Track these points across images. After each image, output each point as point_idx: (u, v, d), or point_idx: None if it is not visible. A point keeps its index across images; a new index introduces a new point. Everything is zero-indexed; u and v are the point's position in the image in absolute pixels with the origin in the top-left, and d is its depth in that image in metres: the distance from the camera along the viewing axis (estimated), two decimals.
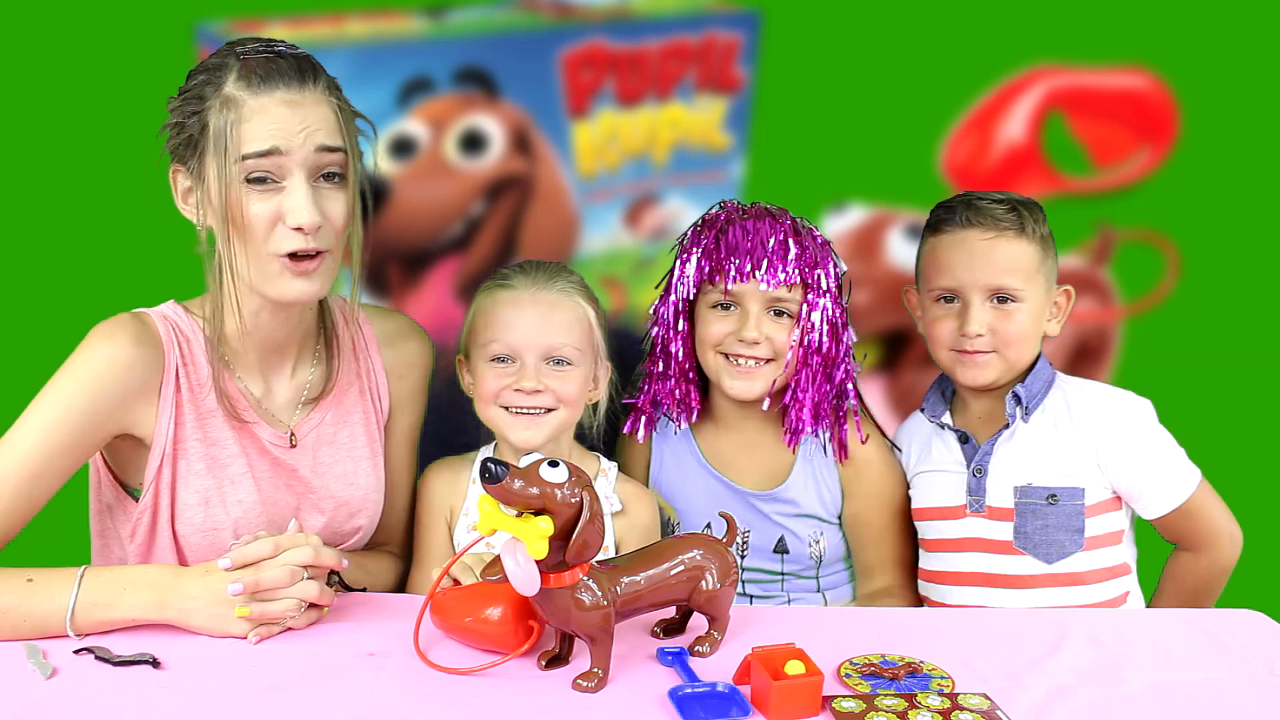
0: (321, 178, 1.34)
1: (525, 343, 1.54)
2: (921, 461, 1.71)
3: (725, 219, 1.63)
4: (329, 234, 1.35)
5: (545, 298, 1.55)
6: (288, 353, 1.49)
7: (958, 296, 1.62)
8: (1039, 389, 1.64)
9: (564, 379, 1.54)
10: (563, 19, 1.86)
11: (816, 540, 1.71)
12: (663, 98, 1.89)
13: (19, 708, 1.13)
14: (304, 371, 1.51)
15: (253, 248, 1.34)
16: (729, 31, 1.88)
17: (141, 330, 1.39)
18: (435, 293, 1.91)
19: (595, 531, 1.15)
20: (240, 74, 1.32)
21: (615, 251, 1.93)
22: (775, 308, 1.60)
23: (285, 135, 1.31)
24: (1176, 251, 1.96)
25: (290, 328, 1.46)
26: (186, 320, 1.44)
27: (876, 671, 1.25)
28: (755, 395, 1.63)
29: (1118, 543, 1.64)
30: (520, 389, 1.53)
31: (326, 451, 1.51)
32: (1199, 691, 1.25)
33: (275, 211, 1.32)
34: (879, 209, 1.93)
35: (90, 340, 1.38)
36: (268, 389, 1.48)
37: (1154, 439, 1.63)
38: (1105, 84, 1.93)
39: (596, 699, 1.18)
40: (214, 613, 1.27)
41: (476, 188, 1.89)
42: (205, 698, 1.16)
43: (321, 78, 1.35)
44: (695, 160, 1.92)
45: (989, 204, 1.62)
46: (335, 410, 1.52)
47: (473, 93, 1.85)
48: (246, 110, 1.30)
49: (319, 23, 1.82)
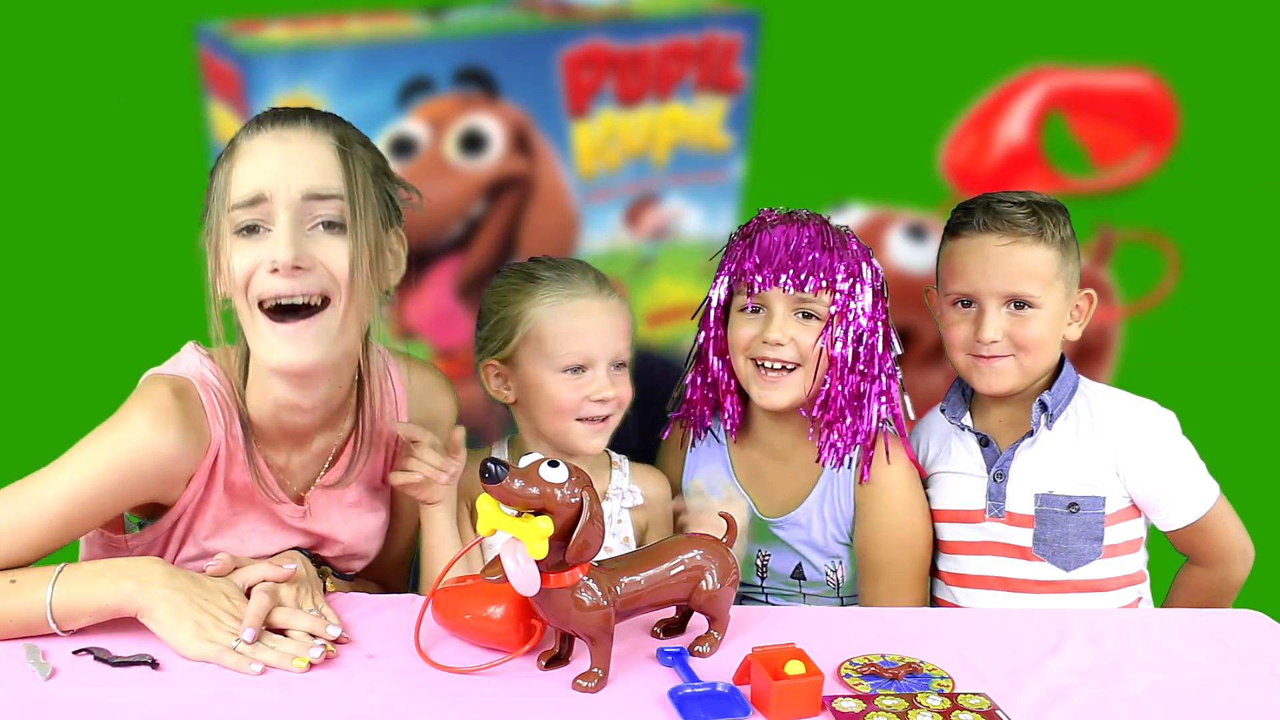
0: (320, 225, 1.24)
1: (605, 351, 1.53)
2: (940, 461, 1.70)
3: (757, 225, 1.62)
4: (321, 279, 1.24)
5: (610, 306, 1.56)
6: (311, 429, 1.39)
7: (974, 301, 1.60)
8: (1064, 395, 1.62)
9: (626, 384, 1.56)
10: (563, 19, 1.86)
11: (834, 570, 1.68)
12: (663, 98, 1.89)
13: (19, 708, 1.13)
14: (328, 438, 1.41)
15: (239, 305, 1.25)
16: (729, 31, 1.88)
17: (189, 417, 1.29)
18: (435, 293, 1.91)
19: (595, 531, 1.15)
20: (246, 125, 1.27)
21: (615, 251, 1.93)
22: (802, 310, 1.58)
23: (270, 178, 1.22)
24: (1176, 251, 1.96)
25: (311, 418, 1.35)
26: (221, 382, 1.33)
27: (876, 671, 1.25)
28: (783, 404, 1.60)
29: (1135, 550, 1.63)
30: (604, 398, 1.53)
31: (337, 512, 1.46)
32: (1199, 691, 1.25)
33: (256, 258, 1.22)
34: (879, 209, 1.93)
35: (134, 417, 1.27)
36: (289, 458, 1.41)
37: (1174, 453, 1.61)
38: (1105, 84, 1.93)
39: (596, 699, 1.18)
40: (177, 621, 1.21)
41: (476, 188, 1.89)
42: (205, 697, 1.16)
43: (331, 124, 1.27)
44: (695, 160, 1.92)
45: (1008, 207, 1.58)
46: (356, 483, 1.46)
47: (473, 93, 1.85)
48: (239, 153, 1.25)
49: (319, 23, 1.82)
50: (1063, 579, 1.60)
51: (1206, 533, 1.62)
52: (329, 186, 1.24)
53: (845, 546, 1.68)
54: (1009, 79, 1.91)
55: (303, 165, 1.23)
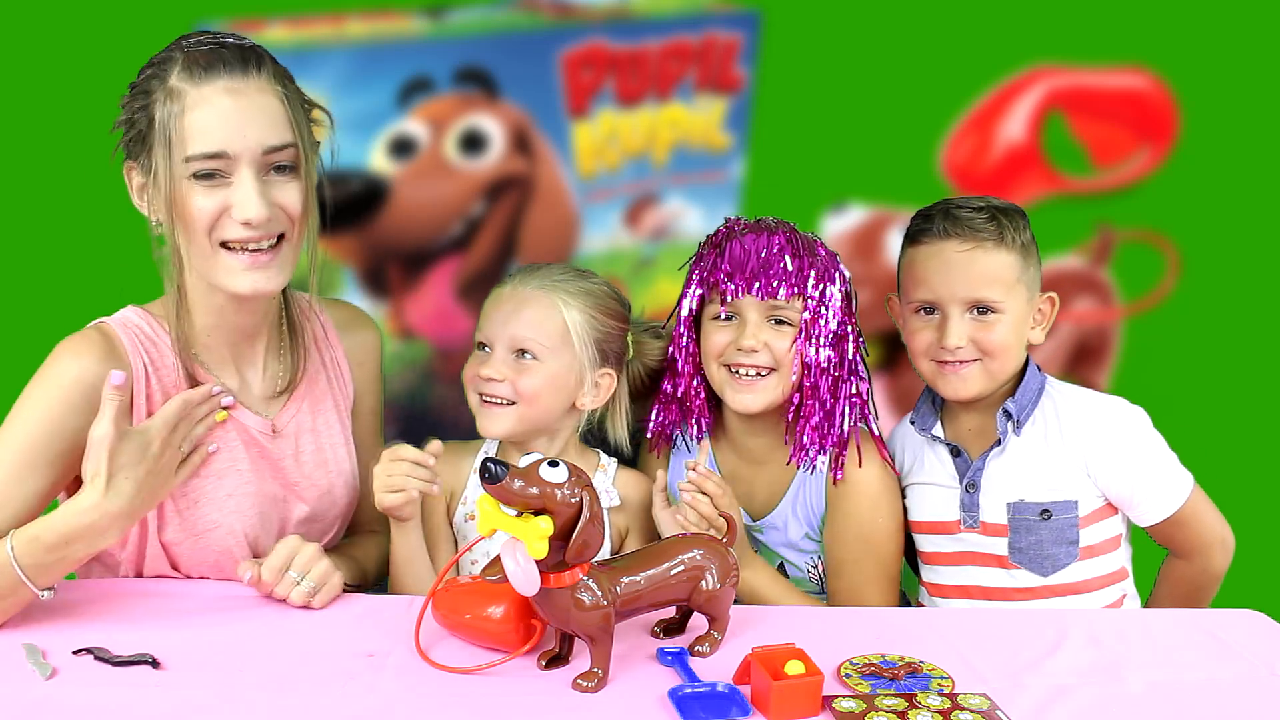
0: (273, 170, 1.34)
1: (496, 332, 1.58)
2: (915, 472, 1.69)
3: (726, 234, 1.63)
4: (281, 221, 1.35)
5: (522, 293, 1.58)
6: (259, 341, 1.49)
7: (936, 309, 1.60)
8: (1029, 400, 1.62)
9: (524, 372, 1.56)
10: (563, 19, 1.86)
11: (814, 566, 1.69)
12: (663, 98, 1.89)
13: (19, 708, 1.13)
14: (273, 364, 1.51)
15: (198, 242, 1.34)
16: (729, 31, 1.88)
17: (106, 345, 1.38)
18: (435, 293, 1.91)
19: (595, 531, 1.15)
20: (184, 65, 1.32)
21: (615, 251, 1.93)
22: (775, 316, 1.59)
23: (230, 136, 1.30)
24: (1176, 251, 1.96)
25: (258, 318, 1.46)
26: (150, 324, 1.43)
27: (876, 671, 1.25)
28: (757, 408, 1.61)
29: (1114, 549, 1.63)
30: (480, 375, 1.58)
31: (308, 439, 1.52)
32: (1199, 691, 1.25)
33: (221, 205, 1.32)
34: (879, 209, 1.93)
35: (55, 359, 1.37)
36: (243, 381, 1.48)
37: (1144, 450, 1.61)
38: (1105, 84, 1.93)
39: (596, 699, 1.18)
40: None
41: (476, 188, 1.89)
42: (205, 698, 1.16)
43: (266, 66, 1.34)
44: (695, 160, 1.92)
45: (968, 213, 1.58)
46: (310, 398, 1.53)
47: (473, 93, 1.85)
48: (189, 100, 1.30)
49: (319, 23, 1.82)
50: (1041, 585, 1.60)
51: (1184, 525, 1.62)
52: (284, 138, 1.34)
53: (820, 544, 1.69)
54: (1009, 79, 1.91)
55: (260, 121, 1.32)
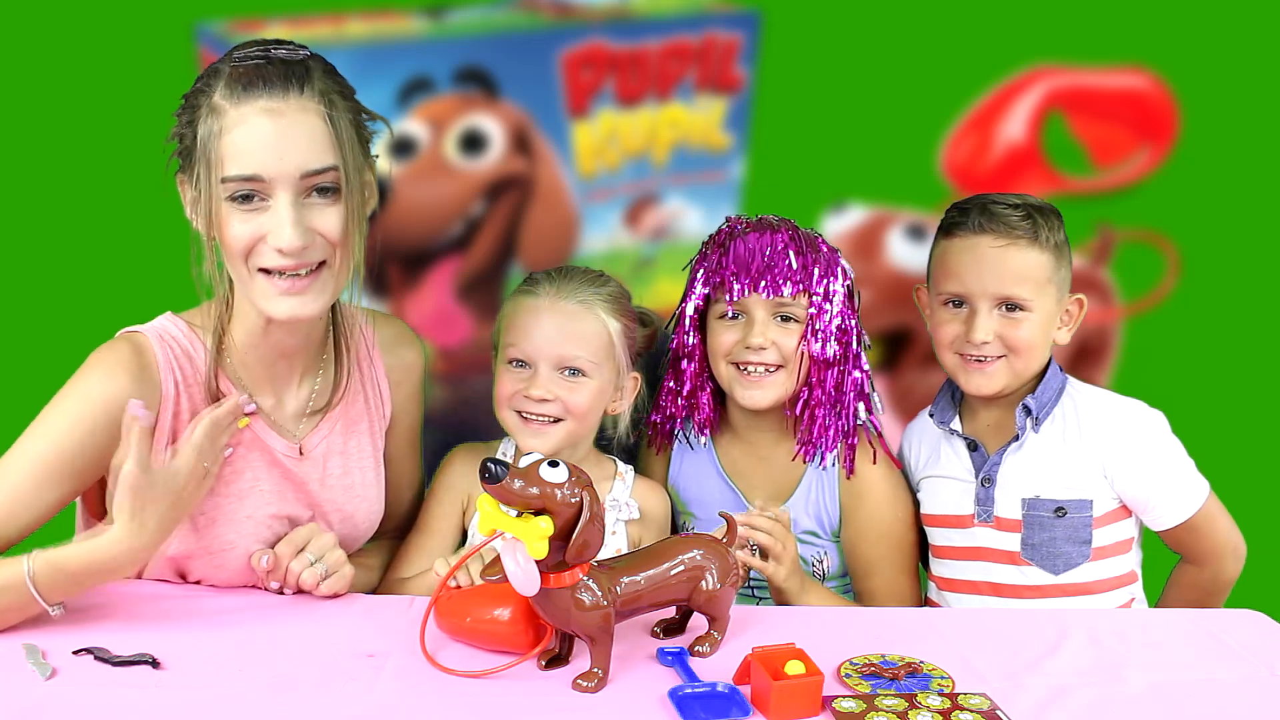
0: (314, 192, 1.28)
1: (540, 351, 1.54)
2: (930, 465, 1.70)
3: (729, 233, 1.63)
4: (320, 248, 1.30)
5: (565, 308, 1.56)
6: (297, 360, 1.44)
7: (966, 302, 1.60)
8: (1049, 398, 1.62)
9: (575, 390, 1.54)
10: (563, 19, 1.86)
11: (819, 560, 1.70)
12: (663, 98, 1.89)
13: (19, 708, 1.13)
14: (310, 381, 1.47)
15: (235, 266, 1.31)
16: (729, 31, 1.88)
17: (139, 363, 1.34)
18: (435, 293, 1.91)
19: (595, 531, 1.15)
20: (228, 81, 1.27)
21: (615, 251, 1.93)
22: (781, 313, 1.60)
23: (266, 160, 1.25)
24: (1176, 251, 1.96)
25: (299, 338, 1.42)
26: (186, 334, 1.39)
27: (876, 671, 1.25)
28: (766, 404, 1.62)
29: (1126, 552, 1.63)
30: (529, 395, 1.54)
31: (336, 462, 1.49)
32: (1199, 691, 1.25)
33: (257, 231, 1.27)
34: (879, 209, 1.93)
35: (87, 372, 1.34)
36: (277, 401, 1.45)
37: (1162, 453, 1.61)
38: (1105, 84, 1.93)
39: (596, 699, 1.18)
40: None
41: (476, 188, 1.89)
42: (205, 698, 1.16)
43: (313, 82, 1.28)
44: (695, 160, 1.92)
45: (1004, 209, 1.58)
46: (345, 419, 1.49)
47: (473, 93, 1.85)
48: (228, 120, 1.25)
49: (319, 23, 1.81)
50: (1052, 583, 1.60)
51: (1198, 531, 1.62)
52: (324, 161, 1.28)
53: (830, 541, 1.70)
54: (1009, 79, 1.91)
55: (299, 145, 1.26)
